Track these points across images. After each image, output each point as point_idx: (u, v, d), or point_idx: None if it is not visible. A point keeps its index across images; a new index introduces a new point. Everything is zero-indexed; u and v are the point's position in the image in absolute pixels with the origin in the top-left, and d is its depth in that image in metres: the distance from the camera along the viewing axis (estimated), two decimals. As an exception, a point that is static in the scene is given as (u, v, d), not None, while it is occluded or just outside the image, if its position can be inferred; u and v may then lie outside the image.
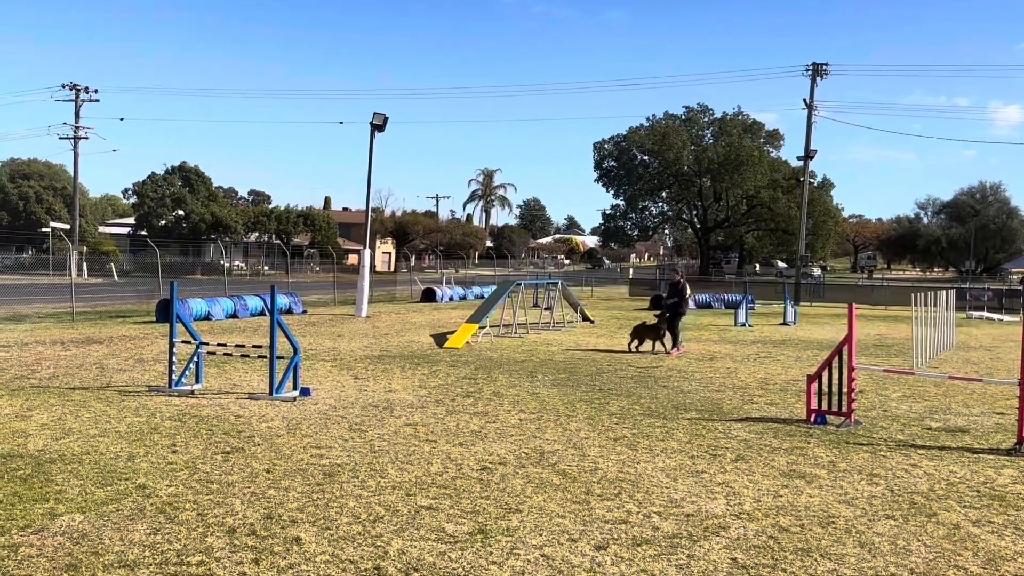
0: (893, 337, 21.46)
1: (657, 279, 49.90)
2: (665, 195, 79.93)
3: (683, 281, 17.50)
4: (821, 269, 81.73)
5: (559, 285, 24.58)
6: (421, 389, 11.37)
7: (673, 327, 16.77)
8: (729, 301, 33.86)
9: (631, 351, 16.61)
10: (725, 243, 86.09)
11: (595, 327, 23.19)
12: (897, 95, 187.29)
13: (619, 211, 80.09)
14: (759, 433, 8.79)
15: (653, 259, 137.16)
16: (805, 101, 44.13)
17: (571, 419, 9.38)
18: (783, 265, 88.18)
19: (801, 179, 47.47)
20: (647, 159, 75.72)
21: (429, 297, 35.22)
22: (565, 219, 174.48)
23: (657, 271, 71.11)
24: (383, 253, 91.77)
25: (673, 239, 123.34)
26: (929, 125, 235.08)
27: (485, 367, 13.83)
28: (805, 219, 46.45)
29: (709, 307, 34.15)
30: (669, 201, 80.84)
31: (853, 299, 32.07)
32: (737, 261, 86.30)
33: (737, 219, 77.35)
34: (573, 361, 14.96)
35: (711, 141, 74.44)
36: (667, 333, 16.72)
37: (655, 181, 76.52)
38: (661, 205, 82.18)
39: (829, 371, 9.40)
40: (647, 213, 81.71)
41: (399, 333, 20.05)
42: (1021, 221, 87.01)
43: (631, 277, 61.03)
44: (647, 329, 17.00)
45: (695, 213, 80.00)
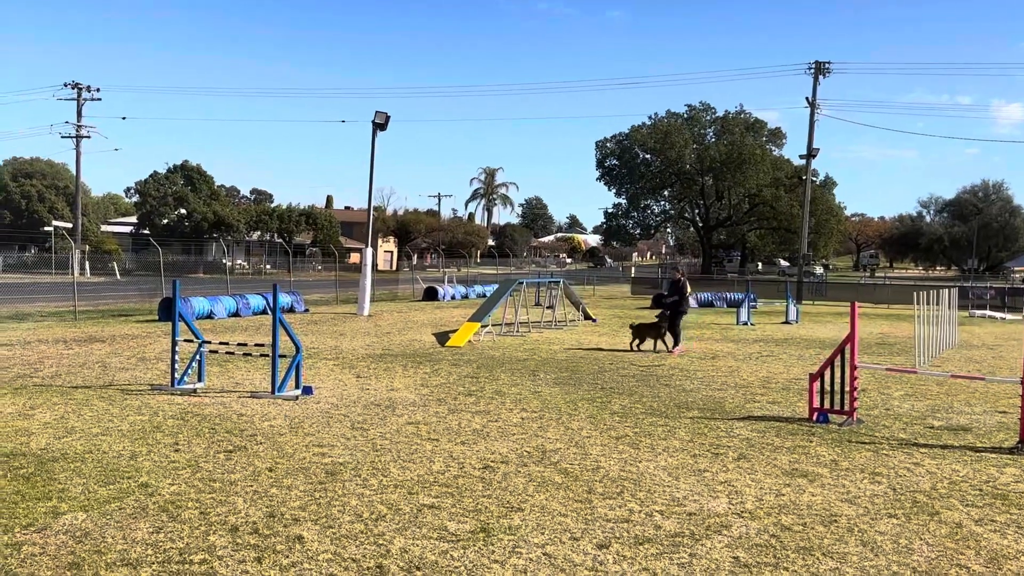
0: (895, 336, 21.44)
1: (659, 278, 49.90)
2: (667, 194, 79.87)
3: (683, 279, 17.48)
4: (823, 268, 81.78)
5: (561, 284, 24.59)
6: (423, 388, 11.37)
7: (674, 326, 16.76)
8: (731, 300, 33.85)
9: (633, 350, 16.60)
10: (727, 242, 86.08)
11: (597, 326, 23.19)
12: (899, 93, 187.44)
13: (621, 210, 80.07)
14: (761, 432, 8.79)
15: (655, 258, 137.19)
16: (807, 99, 44.08)
17: (573, 418, 9.38)
18: (785, 264, 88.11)
19: (803, 177, 47.43)
20: (649, 158, 75.67)
21: (431, 296, 35.24)
22: (567, 218, 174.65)
23: (659, 270, 71.21)
24: (385, 252, 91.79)
25: (675, 238, 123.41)
26: (931, 123, 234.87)
27: (487, 366, 13.83)
28: (807, 217, 46.40)
29: (711, 306, 34.12)
30: (671, 200, 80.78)
31: (855, 298, 32.05)
32: (739, 260, 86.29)
33: (739, 218, 77.29)
34: (575, 360, 14.96)
35: (713, 139, 74.40)
36: (668, 332, 16.72)
37: (657, 180, 76.47)
38: (663, 204, 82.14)
39: (831, 370, 9.40)
40: (649, 212, 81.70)
41: (401, 332, 20.05)
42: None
43: (633, 276, 61.08)
44: (647, 327, 17.00)
45: (697, 212, 79.94)
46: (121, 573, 4.66)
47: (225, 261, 45.56)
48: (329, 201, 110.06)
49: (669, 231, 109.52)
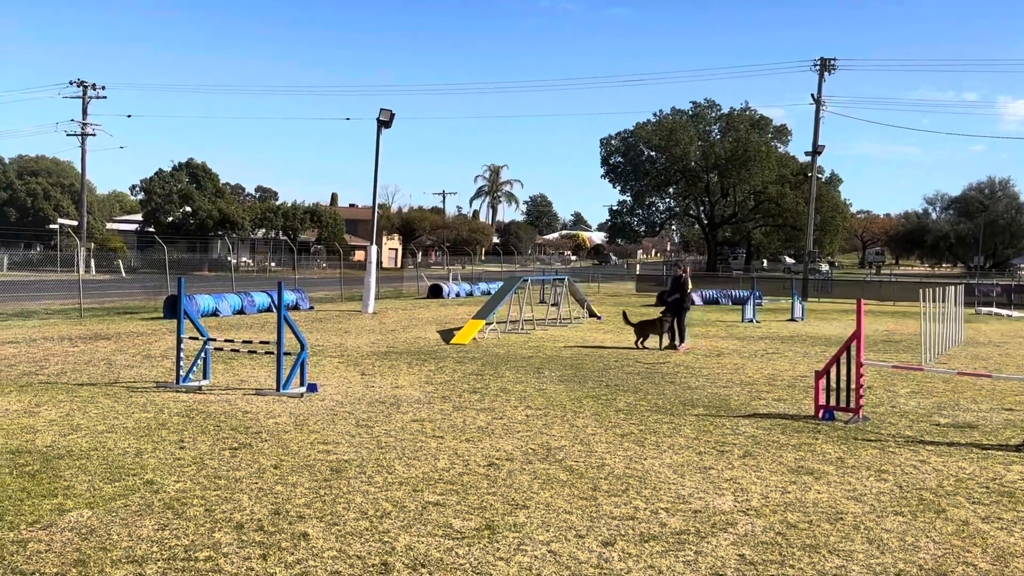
0: (901, 333, 21.38)
1: (664, 275, 49.84)
2: (672, 191, 79.68)
3: (685, 276, 17.41)
4: (829, 265, 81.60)
5: (566, 281, 24.58)
6: (428, 385, 11.37)
7: (679, 322, 16.72)
8: (736, 297, 33.78)
9: (638, 347, 16.59)
10: (732, 239, 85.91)
11: (602, 323, 23.17)
12: (905, 90, 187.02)
13: (626, 207, 79.93)
14: (767, 429, 8.77)
15: (660, 255, 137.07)
16: (813, 96, 43.96)
17: (578, 415, 9.38)
18: (791, 261, 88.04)
19: (809, 174, 47.32)
20: (654, 155, 75.50)
21: (436, 293, 35.26)
22: (572, 215, 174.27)
23: (664, 267, 71.12)
24: (390, 249, 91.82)
25: (680, 235, 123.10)
26: (937, 120, 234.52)
27: (492, 363, 13.83)
28: (813, 215, 46.28)
29: (716, 303, 34.07)
30: (676, 197, 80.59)
31: (861, 295, 31.94)
32: (744, 257, 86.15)
33: (744, 215, 77.11)
34: (580, 357, 14.95)
35: (718, 137, 74.19)
36: (672, 328, 16.68)
37: (662, 177, 76.30)
38: (668, 201, 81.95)
39: (837, 367, 9.37)
40: (654, 209, 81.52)
41: (406, 329, 20.06)
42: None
43: (638, 273, 61.04)
44: (648, 324, 16.98)
45: (702, 209, 79.77)
46: (126, 570, 4.67)
47: (230, 259, 45.66)
48: (334, 199, 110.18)
49: (674, 228, 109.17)
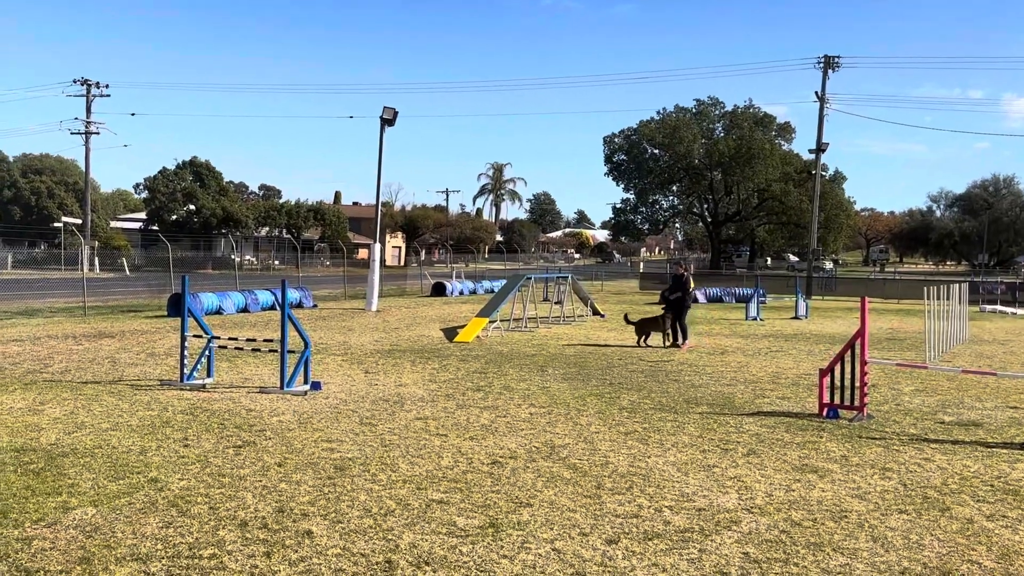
0: (905, 331, 21.34)
1: (667, 273, 49.81)
2: (676, 189, 79.67)
3: (686, 274, 17.37)
4: (833, 263, 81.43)
5: (569, 279, 24.57)
6: (431, 383, 11.38)
7: (680, 320, 16.69)
8: (740, 295, 33.75)
9: (640, 345, 16.58)
10: (736, 237, 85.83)
11: (605, 321, 23.16)
12: (909, 87, 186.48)
13: (629, 205, 79.92)
14: (771, 427, 8.76)
15: (664, 253, 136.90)
16: (817, 94, 43.92)
17: (581, 413, 9.37)
18: (794, 259, 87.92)
19: (813, 172, 47.24)
20: (657, 153, 75.47)
21: (439, 291, 35.27)
22: (575, 213, 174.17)
23: (668, 265, 71.06)
24: (393, 247, 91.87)
25: (684, 233, 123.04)
26: (941, 117, 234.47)
27: (495, 361, 13.83)
28: (817, 212, 46.24)
29: (720, 301, 34.05)
30: (680, 195, 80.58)
31: (865, 293, 31.89)
32: (748, 255, 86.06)
33: (748, 213, 77.04)
34: (583, 355, 14.94)
35: (722, 134, 74.10)
36: (673, 326, 16.66)
37: (665, 175, 76.27)
38: (672, 199, 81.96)
39: (841, 365, 9.35)
40: (658, 207, 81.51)
41: (409, 327, 20.07)
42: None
43: (641, 271, 60.97)
44: (649, 322, 16.98)
45: (706, 207, 79.71)
46: (131, 568, 4.67)
47: (234, 257, 45.72)
48: (337, 197, 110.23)
49: (678, 226, 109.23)
